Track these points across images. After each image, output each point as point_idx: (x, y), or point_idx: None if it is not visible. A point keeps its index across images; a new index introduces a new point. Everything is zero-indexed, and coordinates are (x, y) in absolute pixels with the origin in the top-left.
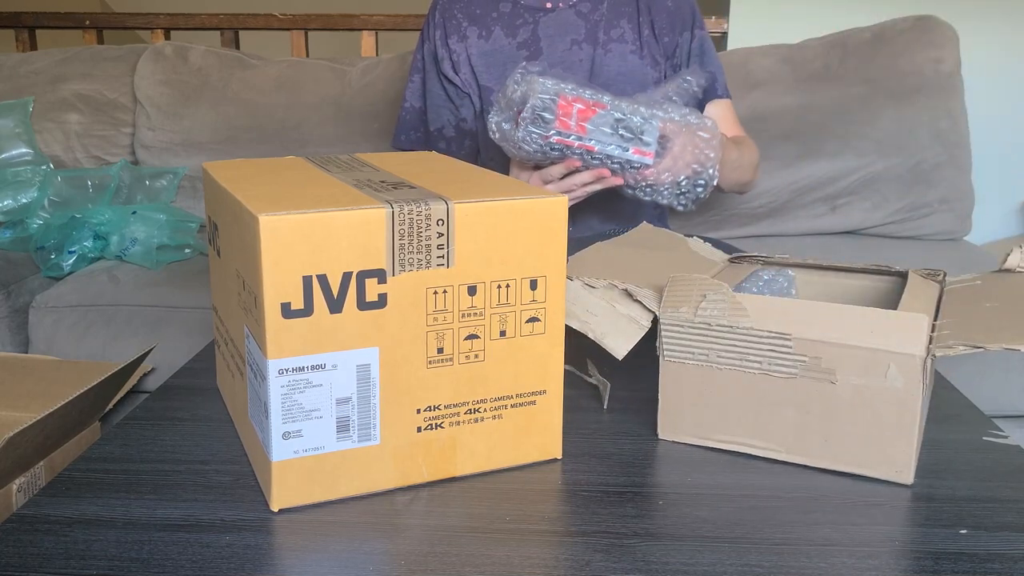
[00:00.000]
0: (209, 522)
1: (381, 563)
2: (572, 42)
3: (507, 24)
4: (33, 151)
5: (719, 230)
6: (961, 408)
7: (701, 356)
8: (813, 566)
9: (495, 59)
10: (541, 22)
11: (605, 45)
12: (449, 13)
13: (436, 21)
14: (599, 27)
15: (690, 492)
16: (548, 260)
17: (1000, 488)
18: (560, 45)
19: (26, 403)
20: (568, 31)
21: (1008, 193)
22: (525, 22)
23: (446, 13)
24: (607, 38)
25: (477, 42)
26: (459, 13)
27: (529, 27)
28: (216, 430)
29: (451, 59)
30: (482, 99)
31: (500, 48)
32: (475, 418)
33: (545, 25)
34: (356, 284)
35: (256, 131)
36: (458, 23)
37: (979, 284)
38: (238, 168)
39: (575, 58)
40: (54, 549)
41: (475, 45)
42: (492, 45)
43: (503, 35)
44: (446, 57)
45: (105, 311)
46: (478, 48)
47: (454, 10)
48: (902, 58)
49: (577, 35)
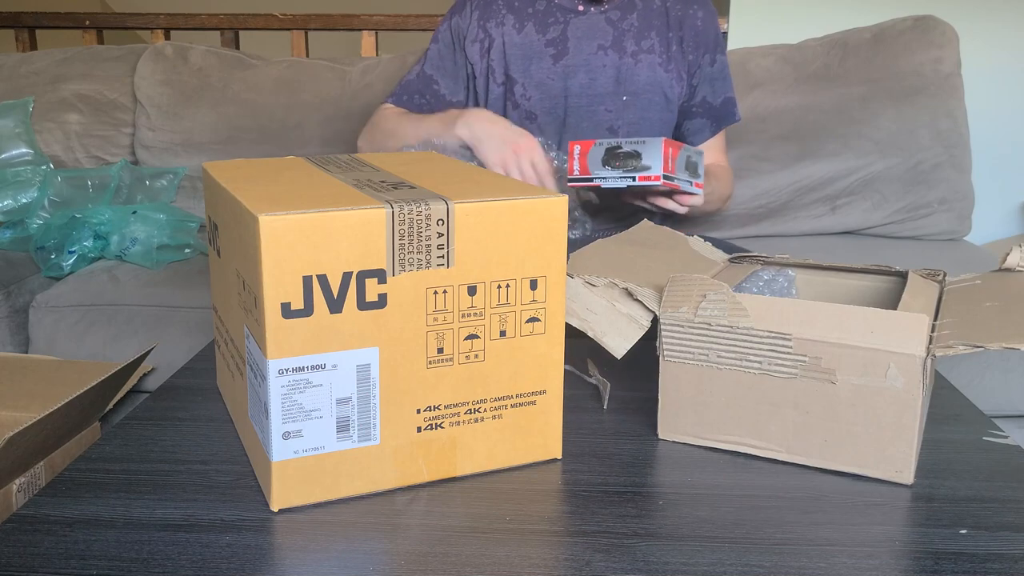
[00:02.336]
0: (209, 522)
1: (381, 563)
2: (599, 47)
3: (540, 21)
4: (33, 151)
5: (719, 230)
6: (961, 408)
7: (701, 356)
8: (813, 566)
9: (524, 52)
10: (571, 23)
11: (635, 55)
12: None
13: (476, 2)
14: (627, 36)
15: (690, 492)
16: (548, 260)
17: (1000, 488)
18: (587, 48)
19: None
20: (596, 36)
21: (1008, 193)
22: (556, 21)
23: None
24: (637, 48)
25: (511, 32)
26: (500, 0)
27: (560, 26)
28: (216, 430)
29: (485, 42)
30: (506, 87)
31: (531, 42)
32: (475, 418)
33: (575, 27)
34: (356, 284)
35: (256, 131)
36: (498, 9)
37: (979, 284)
38: (238, 168)
39: (599, 63)
40: (54, 549)
41: (510, 35)
42: (524, 38)
43: (535, 30)
44: (479, 39)
45: (105, 311)
46: (511, 39)
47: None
48: (902, 58)
49: (604, 41)
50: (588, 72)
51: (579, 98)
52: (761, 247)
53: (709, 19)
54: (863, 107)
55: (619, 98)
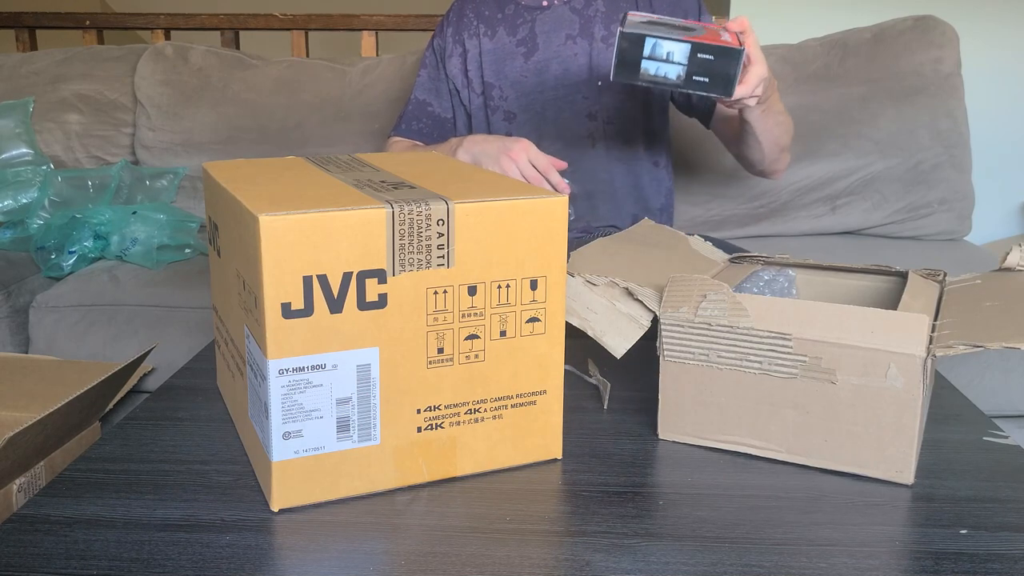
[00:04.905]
0: (209, 522)
1: (381, 563)
2: (567, 37)
3: (509, 23)
4: (33, 151)
5: (719, 230)
6: (961, 408)
7: (701, 356)
8: (813, 566)
9: (497, 55)
10: (538, 19)
11: (605, 39)
12: (463, 13)
13: (450, 19)
14: (594, 22)
15: (690, 492)
16: (548, 260)
17: (1000, 488)
18: (555, 40)
19: (26, 403)
20: (562, 27)
21: (1008, 193)
22: (524, 20)
23: (460, 12)
24: (607, 32)
25: (484, 39)
26: (471, 13)
27: (527, 25)
28: (216, 430)
29: (462, 55)
30: (484, 95)
31: (502, 45)
32: (475, 418)
33: (541, 22)
34: (356, 284)
35: (256, 131)
36: (470, 21)
37: (979, 283)
38: (238, 168)
39: (570, 52)
40: (54, 549)
41: (483, 42)
42: (496, 43)
43: (505, 33)
44: (456, 54)
45: (105, 311)
46: (485, 46)
47: (467, 10)
48: (902, 58)
49: (572, 30)
50: (560, 63)
51: (555, 90)
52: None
53: None
54: (863, 107)
55: (594, 84)
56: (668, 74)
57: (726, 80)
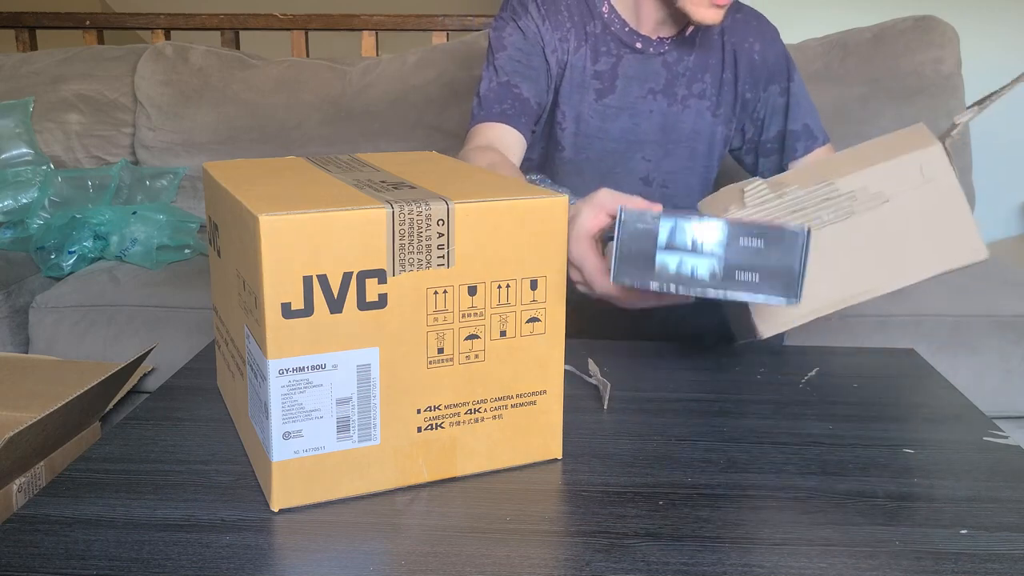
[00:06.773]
0: (209, 522)
1: (381, 563)
2: (649, 91)
3: (593, 46)
4: (33, 151)
5: None
6: (961, 408)
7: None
8: (813, 566)
9: (572, 75)
10: (624, 59)
11: (684, 100)
12: (555, 7)
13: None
14: (679, 81)
15: (690, 492)
16: (548, 260)
17: (1000, 488)
18: (635, 91)
19: (26, 403)
20: (648, 79)
21: (1008, 193)
22: (609, 52)
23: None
24: (687, 93)
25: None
26: (565, 11)
27: (611, 59)
28: (216, 430)
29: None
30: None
31: (581, 67)
32: (475, 418)
33: (627, 65)
34: (356, 284)
35: (256, 131)
36: (562, 21)
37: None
38: (238, 168)
39: (646, 108)
40: (54, 549)
41: (570, 52)
42: (578, 60)
43: (586, 56)
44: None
45: (105, 311)
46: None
47: (560, 5)
48: (902, 58)
49: (656, 85)
50: (632, 117)
51: (617, 143)
52: None
53: (768, 49)
54: (863, 107)
55: (661, 147)
56: (697, 271)
57: (789, 277)
